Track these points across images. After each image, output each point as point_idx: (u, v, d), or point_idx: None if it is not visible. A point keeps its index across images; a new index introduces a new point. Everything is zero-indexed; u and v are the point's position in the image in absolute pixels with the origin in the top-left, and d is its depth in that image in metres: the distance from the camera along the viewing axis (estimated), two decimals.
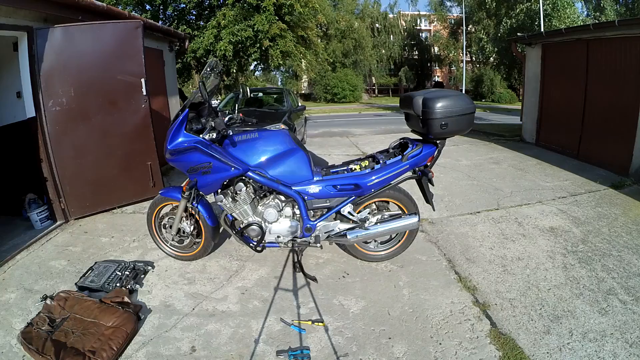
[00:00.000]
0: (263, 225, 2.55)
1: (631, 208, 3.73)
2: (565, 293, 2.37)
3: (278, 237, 2.57)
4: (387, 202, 2.72)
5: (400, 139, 2.66)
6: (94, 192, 3.76)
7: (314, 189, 2.49)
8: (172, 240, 2.83)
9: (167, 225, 2.84)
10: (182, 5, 14.45)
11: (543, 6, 16.07)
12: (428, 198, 2.65)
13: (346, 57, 28.82)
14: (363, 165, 2.58)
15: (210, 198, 2.67)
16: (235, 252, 3.02)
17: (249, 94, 3.16)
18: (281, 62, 14.11)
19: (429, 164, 2.55)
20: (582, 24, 16.75)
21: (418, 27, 35.98)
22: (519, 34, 8.02)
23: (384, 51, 33.08)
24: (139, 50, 3.75)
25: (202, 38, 13.19)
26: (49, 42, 3.31)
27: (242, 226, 2.59)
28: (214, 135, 2.42)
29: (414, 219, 2.57)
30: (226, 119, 2.63)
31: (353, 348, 1.97)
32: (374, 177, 2.45)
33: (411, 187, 2.73)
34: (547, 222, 3.46)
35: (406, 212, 2.66)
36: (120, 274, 2.56)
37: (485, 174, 5.11)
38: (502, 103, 24.59)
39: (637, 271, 2.58)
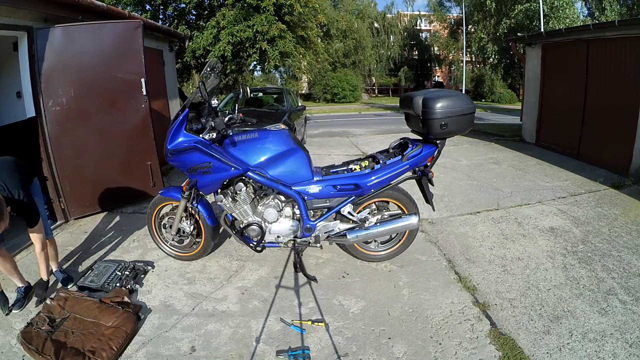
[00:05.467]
0: (263, 225, 2.55)
1: (631, 208, 3.73)
2: (565, 293, 2.37)
3: (278, 237, 2.57)
4: (387, 202, 2.72)
5: (400, 139, 2.66)
6: (94, 192, 3.76)
7: (314, 189, 2.49)
8: (172, 240, 2.83)
9: (167, 225, 2.84)
10: (182, 5, 14.46)
11: (542, 6, 16.06)
12: (428, 198, 2.65)
13: (347, 57, 28.84)
14: (363, 166, 2.58)
15: (210, 198, 2.67)
16: (235, 252, 3.02)
17: (249, 94, 3.16)
18: (279, 64, 14.09)
19: (429, 164, 2.55)
20: (581, 24, 16.76)
21: (418, 27, 35.99)
22: (519, 34, 8.02)
23: (383, 51, 33.09)
24: (139, 50, 3.75)
25: (201, 38, 13.19)
26: (49, 42, 3.31)
27: (242, 226, 2.59)
28: (214, 135, 2.42)
29: (414, 219, 2.57)
30: (226, 119, 2.63)
31: (353, 348, 1.97)
32: (373, 177, 2.45)
33: (411, 187, 2.73)
34: (547, 222, 3.46)
35: (406, 212, 2.66)
36: (120, 274, 2.56)
37: (485, 174, 5.11)
38: (502, 103, 24.59)
39: (637, 271, 2.58)
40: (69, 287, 2.52)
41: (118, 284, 2.46)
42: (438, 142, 2.51)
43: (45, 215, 2.50)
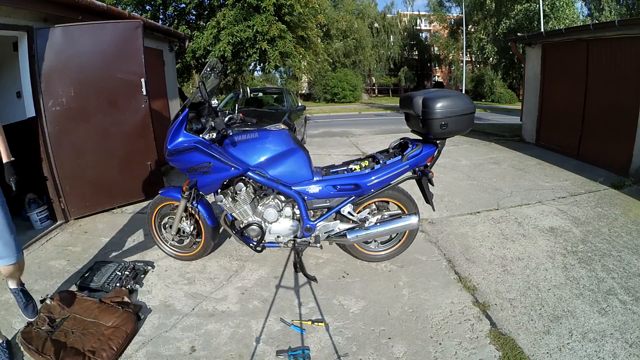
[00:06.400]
0: (263, 225, 2.55)
1: (631, 208, 3.73)
2: (565, 293, 2.37)
3: (278, 237, 2.57)
4: (387, 202, 2.72)
5: (400, 139, 2.66)
6: (94, 192, 3.76)
7: (314, 189, 2.49)
8: (172, 240, 2.83)
9: (167, 225, 2.84)
10: (182, 5, 14.45)
11: (542, 6, 16.08)
12: (428, 198, 2.65)
13: (347, 57, 28.85)
14: (363, 165, 2.58)
15: (210, 198, 2.67)
16: (235, 252, 3.02)
17: (249, 94, 3.17)
18: (279, 64, 14.10)
19: (429, 164, 2.55)
20: (581, 24, 16.77)
21: (418, 27, 36.02)
22: (518, 34, 8.03)
23: (383, 51, 33.11)
24: (139, 50, 3.75)
25: (201, 38, 13.19)
26: (49, 42, 3.31)
27: (242, 226, 2.59)
28: (214, 135, 2.42)
29: (414, 219, 2.57)
30: (226, 119, 2.63)
31: (353, 348, 1.97)
32: (373, 177, 2.45)
33: (411, 187, 2.73)
34: (547, 222, 3.46)
35: (406, 212, 2.66)
36: (120, 274, 2.56)
37: (485, 174, 5.11)
38: (502, 103, 24.61)
39: (637, 271, 2.58)
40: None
41: (118, 284, 2.46)
42: (438, 142, 2.51)
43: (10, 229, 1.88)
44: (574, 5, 19.31)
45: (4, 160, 1.89)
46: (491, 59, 24.96)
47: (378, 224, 2.61)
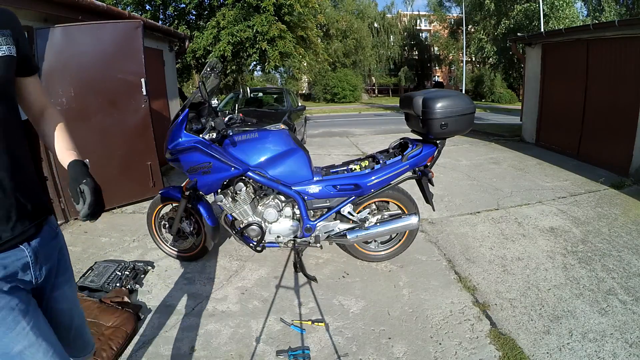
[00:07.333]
0: (263, 225, 2.55)
1: (631, 208, 3.73)
2: (565, 293, 2.37)
3: (278, 237, 2.57)
4: (387, 202, 2.72)
5: (400, 139, 2.67)
6: None
7: (314, 189, 2.49)
8: (172, 240, 2.83)
9: (167, 225, 2.84)
10: (182, 5, 14.45)
11: (541, 6, 16.08)
12: (428, 198, 2.65)
13: (347, 57, 28.87)
14: (363, 165, 2.58)
15: (210, 198, 2.67)
16: (235, 252, 3.02)
17: (249, 94, 3.17)
18: (279, 64, 14.10)
19: (429, 164, 2.55)
20: (581, 24, 16.77)
21: (418, 27, 36.04)
22: (518, 34, 8.03)
23: (383, 51, 33.13)
24: (139, 50, 3.75)
25: (201, 39, 13.20)
26: (49, 42, 3.31)
27: (242, 226, 2.59)
28: (214, 135, 2.42)
29: (414, 219, 2.57)
30: (226, 119, 2.63)
31: (353, 348, 1.97)
32: (373, 177, 2.45)
33: (411, 187, 2.73)
34: (547, 222, 3.46)
35: (406, 212, 2.66)
36: (120, 274, 2.56)
37: (485, 174, 5.11)
38: (502, 103, 24.61)
39: (637, 271, 2.58)
40: None
41: (118, 284, 2.46)
42: (438, 142, 2.51)
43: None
44: (573, 5, 19.31)
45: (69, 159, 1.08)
46: (490, 59, 24.97)
47: (378, 224, 2.61)
